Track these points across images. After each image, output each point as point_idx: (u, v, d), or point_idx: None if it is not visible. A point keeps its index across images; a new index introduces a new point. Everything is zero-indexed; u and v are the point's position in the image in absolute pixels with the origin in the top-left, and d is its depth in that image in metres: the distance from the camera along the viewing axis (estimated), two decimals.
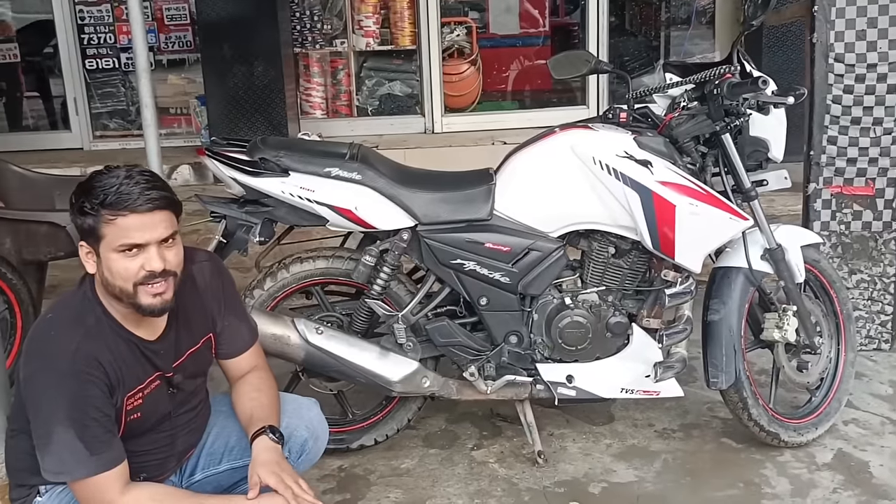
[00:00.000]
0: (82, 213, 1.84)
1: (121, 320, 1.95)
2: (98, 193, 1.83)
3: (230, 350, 2.24)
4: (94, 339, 1.88)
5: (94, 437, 1.84)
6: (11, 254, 3.28)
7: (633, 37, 7.60)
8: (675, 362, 2.81)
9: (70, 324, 1.90)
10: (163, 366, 2.03)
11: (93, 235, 1.85)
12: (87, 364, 1.84)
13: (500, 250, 2.72)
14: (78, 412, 1.82)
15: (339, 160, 2.68)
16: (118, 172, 1.87)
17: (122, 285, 1.87)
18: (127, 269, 1.85)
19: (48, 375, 1.83)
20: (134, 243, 1.84)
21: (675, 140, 2.77)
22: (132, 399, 1.96)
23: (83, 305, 1.94)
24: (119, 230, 1.83)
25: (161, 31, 6.58)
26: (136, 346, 1.97)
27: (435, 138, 6.49)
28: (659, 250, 2.70)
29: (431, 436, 3.15)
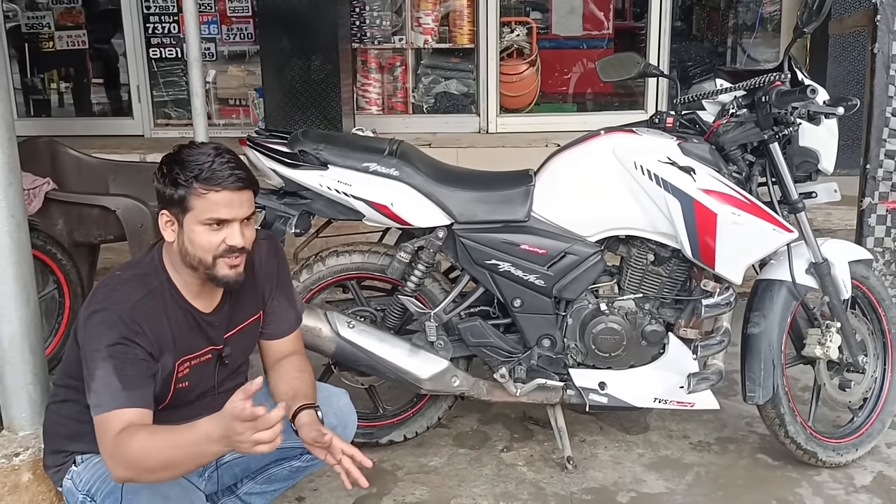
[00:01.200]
0: (174, 184, 1.92)
1: (182, 289, 2.03)
2: (192, 167, 1.92)
3: (275, 331, 2.29)
4: (153, 301, 1.97)
5: (131, 376, 1.89)
6: (63, 235, 3.38)
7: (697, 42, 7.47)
8: (710, 374, 2.76)
9: (135, 283, 1.98)
10: (215, 338, 2.10)
11: (180, 206, 1.93)
12: (141, 319, 1.92)
13: (537, 252, 2.71)
14: (121, 353, 1.88)
15: (377, 156, 2.70)
16: (207, 149, 1.96)
17: (202, 256, 1.96)
18: (210, 241, 1.95)
19: (104, 316, 1.90)
20: (221, 218, 1.94)
21: (721, 147, 2.72)
22: (182, 366, 2.03)
23: (149, 269, 2.02)
24: (209, 204, 1.92)
25: (223, 23, 6.67)
26: (193, 316, 2.05)
27: (488, 138, 6.46)
28: (699, 259, 2.65)
29: (462, 435, 3.15)
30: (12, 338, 2.24)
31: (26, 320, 2.26)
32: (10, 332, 2.24)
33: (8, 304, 2.22)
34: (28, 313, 2.26)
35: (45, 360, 2.35)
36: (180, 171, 1.93)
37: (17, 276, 2.21)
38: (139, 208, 3.40)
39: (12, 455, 2.26)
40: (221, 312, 2.12)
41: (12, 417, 2.31)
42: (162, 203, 1.98)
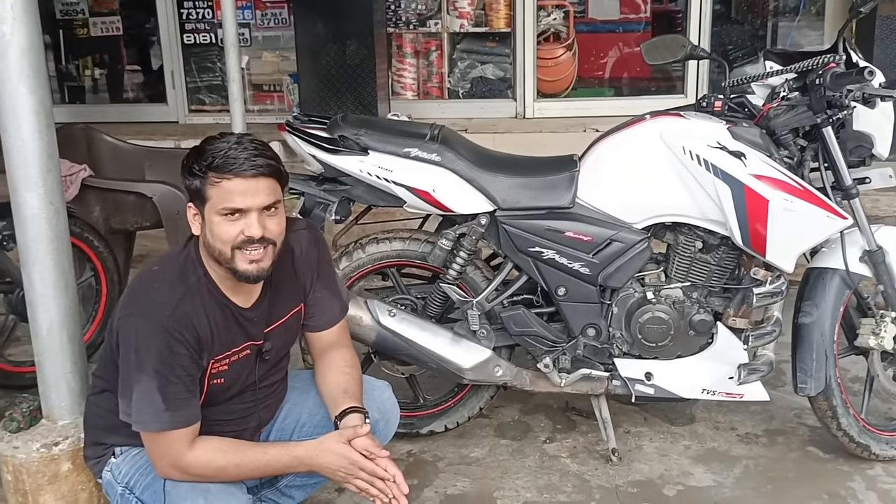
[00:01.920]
0: (191, 175, 1.89)
1: (219, 284, 1.98)
2: (207, 156, 1.86)
3: (318, 323, 2.25)
4: (192, 298, 1.92)
5: (175, 394, 1.87)
6: (99, 222, 3.37)
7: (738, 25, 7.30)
8: (760, 365, 2.68)
9: (172, 280, 1.93)
10: (254, 333, 2.05)
11: (199, 197, 1.89)
12: (182, 325, 1.88)
13: (581, 240, 2.64)
14: (164, 367, 1.85)
15: (418, 141, 2.64)
16: (229, 138, 1.91)
17: (220, 248, 1.90)
18: (227, 232, 1.88)
19: (144, 323, 1.86)
20: (235, 207, 1.87)
21: (772, 132, 2.63)
22: (219, 364, 1.99)
23: (187, 264, 1.97)
24: (223, 193, 1.86)
25: (258, 8, 6.63)
26: (231, 312, 2.00)
27: (525, 123, 6.38)
28: (749, 247, 2.57)
29: (503, 426, 3.09)
30: (51, 326, 2.22)
31: (65, 308, 2.23)
32: (48, 320, 2.21)
33: (47, 291, 2.19)
34: (67, 301, 2.23)
35: (84, 348, 2.32)
36: (195, 161, 1.88)
37: (55, 263, 2.18)
38: (175, 195, 3.37)
39: (52, 444, 2.23)
40: (261, 307, 2.06)
41: (52, 406, 2.28)
42: (188, 195, 1.94)
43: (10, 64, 2.04)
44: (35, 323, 2.23)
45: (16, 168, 2.11)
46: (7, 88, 2.05)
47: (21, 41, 2.03)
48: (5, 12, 2.00)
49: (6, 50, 2.03)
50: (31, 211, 2.14)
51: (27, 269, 2.19)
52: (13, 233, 2.67)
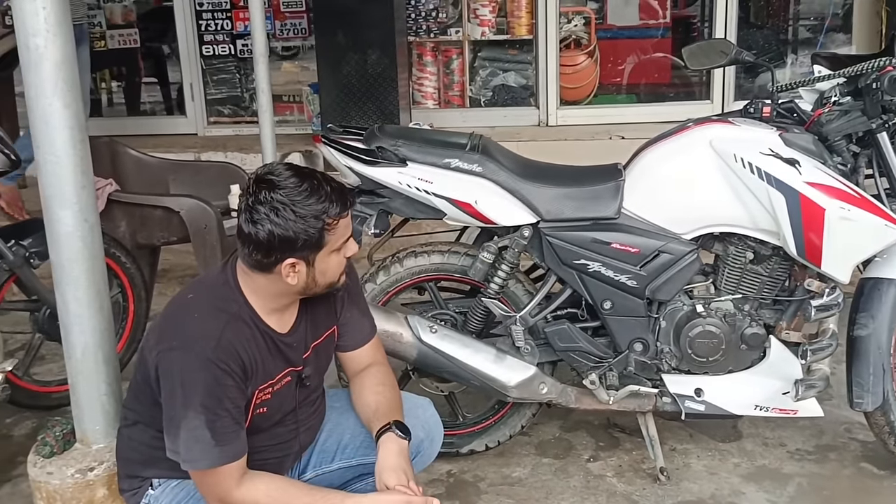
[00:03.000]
0: (306, 229, 1.81)
1: (259, 311, 1.91)
2: (318, 206, 1.81)
3: (351, 342, 2.19)
4: (235, 329, 1.85)
5: (223, 428, 1.80)
6: (126, 237, 3.29)
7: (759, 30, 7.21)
8: (817, 380, 2.58)
9: (213, 309, 1.86)
10: (294, 359, 1.99)
11: (315, 246, 1.84)
12: (228, 355, 1.81)
13: (628, 251, 2.55)
14: (212, 401, 1.78)
15: (459, 151, 2.56)
16: (301, 179, 1.83)
17: (332, 280, 1.94)
18: (340, 263, 1.94)
19: (187, 358, 1.79)
20: (347, 237, 1.93)
21: (824, 138, 2.54)
22: (262, 393, 1.92)
23: (226, 292, 1.90)
24: (340, 230, 1.88)
25: (277, 18, 6.58)
26: (272, 339, 1.93)
27: (549, 131, 6.31)
28: (804, 257, 2.47)
29: (545, 444, 3.00)
30: (85, 347, 2.14)
31: (100, 329, 2.15)
32: (83, 341, 2.13)
33: (81, 312, 2.11)
34: (101, 322, 2.15)
35: (119, 369, 2.24)
36: (306, 213, 1.80)
37: (90, 283, 2.10)
38: (203, 209, 3.30)
39: (87, 469, 2.15)
40: (298, 332, 2.01)
41: (86, 430, 2.20)
42: (288, 252, 1.83)
43: (45, 77, 1.96)
44: (69, 345, 2.15)
45: (49, 185, 2.03)
46: (41, 103, 1.98)
47: (55, 54, 1.96)
48: (39, 25, 1.93)
49: (40, 63, 1.95)
50: (66, 229, 2.06)
51: (61, 288, 2.11)
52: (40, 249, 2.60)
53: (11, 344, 3.37)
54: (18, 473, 2.79)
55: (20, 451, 2.85)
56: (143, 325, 3.29)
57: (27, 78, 1.98)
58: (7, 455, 2.92)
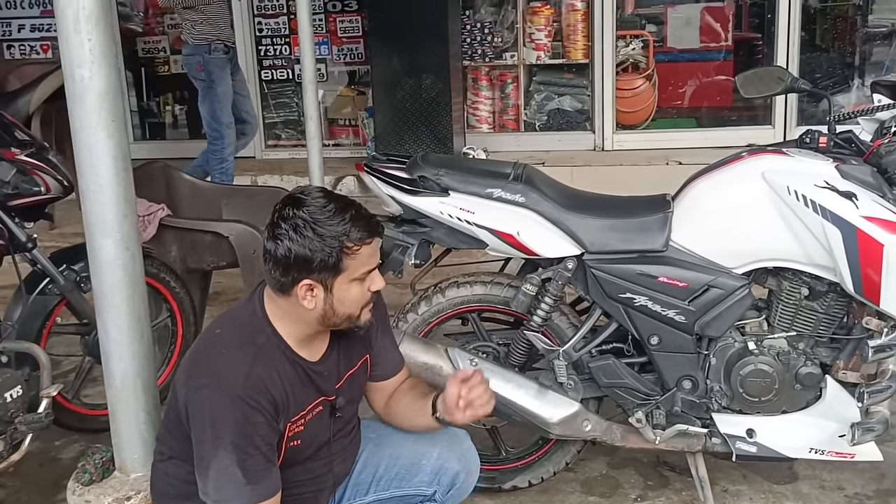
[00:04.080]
0: (324, 250, 1.80)
1: (289, 341, 1.90)
2: (338, 226, 1.80)
3: (384, 371, 2.18)
4: (264, 361, 1.83)
5: (255, 466, 1.78)
6: (176, 262, 3.33)
7: (824, 52, 7.05)
8: (875, 423, 2.46)
9: (241, 343, 1.84)
10: (326, 388, 1.97)
11: (331, 270, 1.82)
12: (257, 391, 1.79)
13: (676, 285, 2.47)
14: (243, 439, 1.76)
15: (501, 181, 2.52)
16: (326, 202, 1.83)
17: (351, 312, 1.89)
18: (362, 294, 1.89)
19: (216, 396, 1.77)
20: (371, 269, 1.89)
21: (884, 170, 2.43)
22: (294, 425, 1.90)
23: (253, 324, 1.89)
24: (361, 259, 1.84)
25: (334, 43, 6.67)
26: (303, 369, 1.91)
27: (605, 156, 6.25)
28: (861, 295, 2.37)
29: (591, 481, 2.92)
30: (125, 375, 2.15)
31: (139, 357, 2.16)
32: (122, 369, 2.14)
33: (121, 339, 2.12)
34: (141, 349, 2.16)
35: (158, 398, 2.24)
36: (325, 233, 1.80)
37: (130, 311, 2.11)
38: (252, 234, 3.32)
39: (124, 499, 2.16)
40: (330, 360, 1.98)
41: (124, 458, 2.21)
42: (304, 272, 1.81)
43: (89, 108, 1.98)
44: (109, 372, 2.16)
45: (92, 213, 2.05)
46: (85, 133, 2.00)
47: (100, 84, 1.98)
48: (84, 56, 1.95)
49: (85, 94, 1.97)
50: (108, 257, 2.07)
51: (102, 316, 2.12)
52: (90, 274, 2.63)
53: (65, 366, 3.42)
54: (62, 498, 2.80)
55: (66, 475, 2.85)
56: None
57: (72, 108, 2.00)
58: (53, 478, 2.95)
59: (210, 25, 5.22)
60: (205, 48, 5.24)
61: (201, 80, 5.32)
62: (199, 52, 5.26)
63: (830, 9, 7.03)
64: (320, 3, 6.57)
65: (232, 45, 5.37)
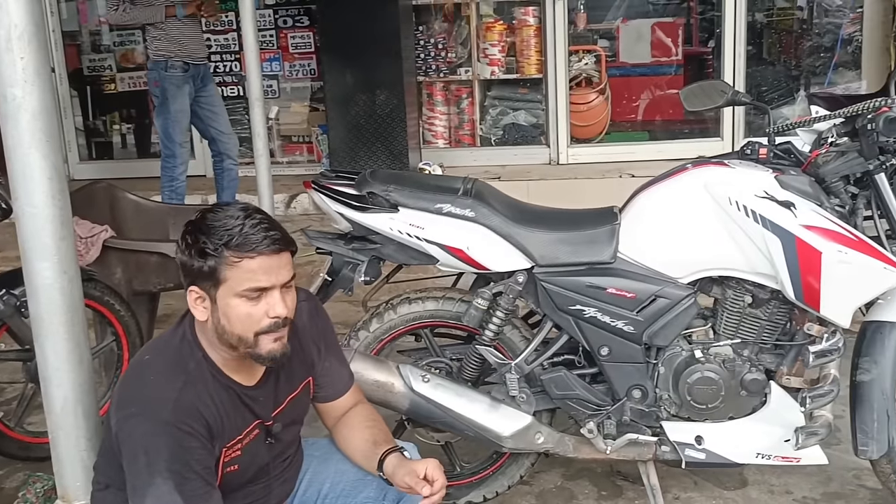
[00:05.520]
0: (202, 255, 1.75)
1: (221, 365, 1.85)
2: (220, 232, 1.74)
3: (331, 392, 2.15)
4: (194, 386, 1.79)
5: (194, 491, 1.74)
6: (121, 285, 3.27)
7: (770, 66, 7.20)
8: (819, 427, 2.50)
9: (169, 369, 1.80)
10: (262, 413, 1.93)
11: (211, 279, 1.75)
12: (188, 415, 1.75)
13: (624, 296, 2.50)
14: (178, 464, 1.72)
15: (451, 196, 2.53)
16: (234, 211, 1.78)
17: (241, 333, 1.78)
18: (250, 315, 1.77)
19: (147, 423, 1.73)
20: (260, 287, 1.76)
21: (821, 179, 2.49)
22: (230, 450, 1.86)
23: (182, 349, 1.85)
24: (244, 273, 1.74)
25: (286, 60, 6.65)
26: (236, 394, 1.87)
27: (560, 169, 6.30)
28: (802, 301, 2.41)
29: (546, 493, 2.93)
30: (65, 402, 2.10)
31: (79, 383, 2.11)
32: (62, 395, 2.10)
33: (60, 365, 2.08)
34: (81, 375, 2.11)
35: (100, 424, 2.20)
36: (207, 238, 1.74)
37: (69, 335, 2.07)
38: None
39: None
40: (267, 385, 1.94)
41: (66, 486, 2.16)
42: (189, 278, 1.79)
43: (22, 128, 1.94)
44: (48, 398, 2.12)
45: (28, 237, 2.01)
46: (19, 154, 1.96)
47: (33, 104, 1.94)
48: (16, 75, 1.92)
49: (17, 114, 1.94)
50: (45, 280, 2.03)
51: (40, 341, 2.08)
52: None
53: (8, 393, 3.35)
54: None
55: None
56: None
57: (5, 129, 1.96)
58: None
59: (170, 42, 5.18)
60: (162, 64, 5.20)
61: (157, 96, 5.29)
62: (157, 69, 5.22)
63: (775, 24, 7.18)
64: (271, 20, 6.56)
65: (198, 62, 5.32)
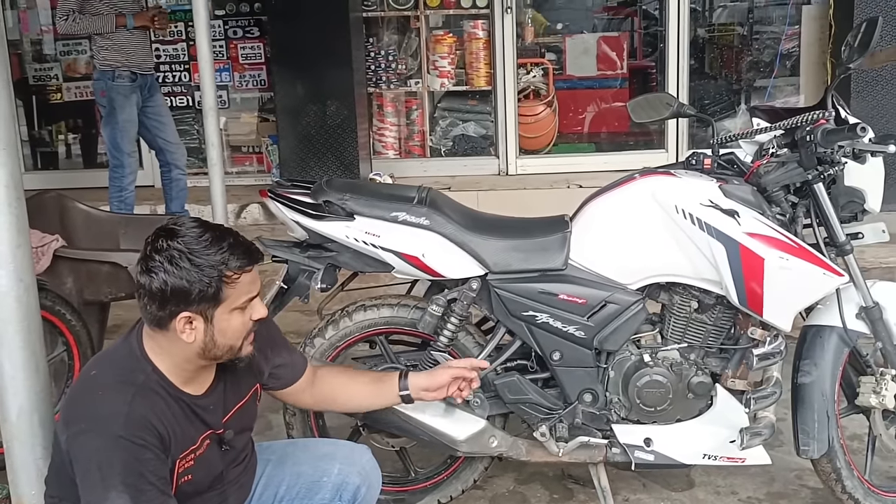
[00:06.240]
0: (202, 280, 1.75)
1: (169, 376, 1.86)
2: (215, 255, 1.76)
3: (292, 376, 2.22)
4: (144, 399, 1.79)
5: (150, 502, 1.73)
6: (72, 294, 3.23)
7: (712, 80, 7.38)
8: (762, 428, 2.60)
9: (118, 384, 1.80)
10: (212, 422, 1.94)
11: (213, 300, 1.78)
12: (140, 427, 1.75)
13: (575, 302, 2.56)
14: (132, 477, 1.72)
15: (406, 204, 2.57)
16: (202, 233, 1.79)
17: (233, 343, 1.85)
18: (244, 324, 1.85)
19: (98, 439, 1.73)
20: (252, 297, 1.84)
21: (763, 189, 2.59)
22: (184, 461, 1.86)
23: (131, 363, 1.85)
24: (241, 287, 1.81)
25: (236, 70, 6.62)
26: (186, 404, 1.88)
27: (509, 180, 6.37)
28: (746, 306, 2.50)
29: (499, 497, 2.98)
30: (20, 410, 2.08)
31: (35, 391, 2.09)
32: (17, 404, 2.08)
33: (16, 374, 2.06)
34: (37, 384, 2.10)
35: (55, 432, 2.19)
36: (203, 263, 1.75)
37: (25, 344, 2.05)
38: None
39: None
40: (215, 394, 1.95)
41: (21, 495, 2.14)
42: (182, 305, 1.77)
43: None
44: (3, 407, 2.09)
45: None
46: None
47: None
48: None
49: None
50: (0, 289, 2.02)
51: None
52: None
53: None
54: None
55: None
56: None
57: None
58: None
59: (116, 52, 5.13)
60: (109, 74, 5.15)
61: (104, 106, 5.23)
62: (104, 79, 5.17)
63: (717, 39, 7.35)
64: (221, 30, 6.53)
65: (145, 72, 5.28)
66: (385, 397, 2.28)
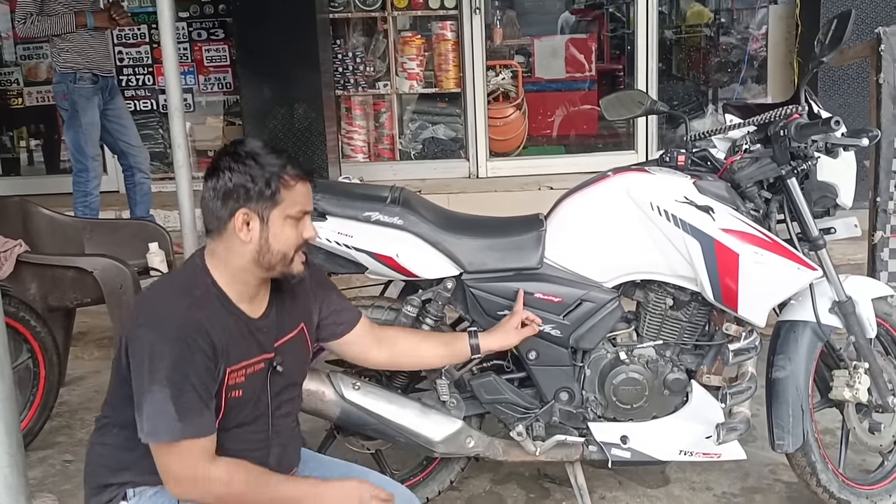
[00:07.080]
0: (264, 177, 1.85)
1: (228, 293, 1.92)
2: (277, 157, 1.88)
3: (349, 322, 2.25)
4: (201, 308, 1.86)
5: (188, 404, 1.78)
6: (36, 300, 3.18)
7: (680, 81, 7.44)
8: (738, 423, 2.60)
9: (177, 292, 1.89)
10: (266, 344, 1.98)
11: (270, 200, 1.87)
12: (194, 330, 1.81)
13: (551, 301, 2.55)
14: (178, 375, 1.77)
15: (379, 204, 2.54)
16: (265, 146, 1.92)
17: (286, 251, 1.91)
18: (295, 236, 1.92)
19: (153, 333, 1.80)
20: (305, 210, 1.93)
21: (737, 185, 2.59)
22: (235, 374, 1.90)
23: (192, 276, 1.93)
24: (297, 196, 1.90)
25: (200, 73, 6.55)
26: (243, 322, 1.93)
27: (479, 183, 6.36)
28: (721, 302, 2.50)
29: (475, 498, 2.96)
30: None
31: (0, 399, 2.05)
32: None
33: None
34: (2, 390, 2.05)
35: (21, 440, 2.13)
36: (265, 163, 1.86)
37: None
38: (118, 268, 3.21)
39: None
40: (269, 318, 2.01)
41: None
42: (241, 201, 1.86)
43: None
44: None
45: None
46: None
47: None
48: None
49: None
50: None
51: None
52: None
53: None
54: None
55: None
56: (55, 390, 3.16)
57: None
58: None
59: (76, 54, 5.05)
60: (70, 77, 5.06)
61: (65, 109, 5.14)
62: (65, 81, 5.08)
63: (685, 40, 7.42)
64: (185, 32, 6.46)
65: (106, 74, 5.21)
66: (457, 357, 2.44)
